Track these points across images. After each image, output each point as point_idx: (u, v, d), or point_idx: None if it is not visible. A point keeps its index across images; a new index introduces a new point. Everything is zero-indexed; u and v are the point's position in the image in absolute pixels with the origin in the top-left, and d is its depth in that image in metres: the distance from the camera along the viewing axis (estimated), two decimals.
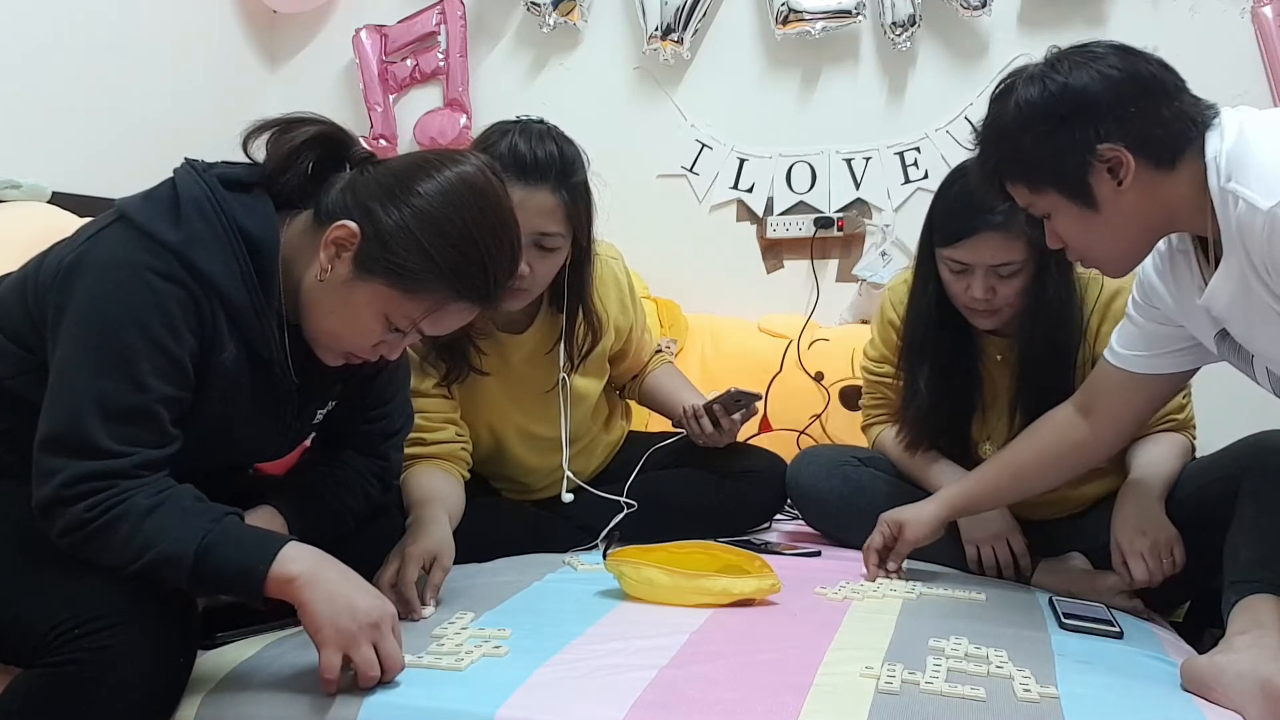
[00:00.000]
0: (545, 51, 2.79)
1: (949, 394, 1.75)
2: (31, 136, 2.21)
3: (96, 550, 1.08)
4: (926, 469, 1.79)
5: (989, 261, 1.60)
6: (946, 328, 1.72)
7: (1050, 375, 1.66)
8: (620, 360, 1.95)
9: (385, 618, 1.11)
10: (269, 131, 1.23)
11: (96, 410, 1.08)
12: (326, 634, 1.08)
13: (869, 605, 1.47)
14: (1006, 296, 1.63)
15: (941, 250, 1.65)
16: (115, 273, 1.11)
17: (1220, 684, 1.17)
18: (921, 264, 1.72)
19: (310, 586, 1.09)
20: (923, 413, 1.77)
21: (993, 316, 1.66)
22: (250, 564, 1.09)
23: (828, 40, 2.59)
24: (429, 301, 1.17)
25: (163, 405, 1.12)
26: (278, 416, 1.29)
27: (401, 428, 1.48)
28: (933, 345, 1.74)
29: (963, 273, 1.63)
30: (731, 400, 1.83)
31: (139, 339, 1.10)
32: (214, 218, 1.16)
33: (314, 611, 1.08)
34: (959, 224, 1.61)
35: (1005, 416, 1.74)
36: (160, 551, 1.07)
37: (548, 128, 1.65)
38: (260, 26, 2.93)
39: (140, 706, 1.08)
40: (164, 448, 1.13)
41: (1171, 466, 1.62)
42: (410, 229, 1.14)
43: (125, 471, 1.09)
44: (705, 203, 2.73)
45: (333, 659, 1.08)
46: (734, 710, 1.08)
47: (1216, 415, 1.76)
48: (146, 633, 1.07)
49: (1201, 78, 2.46)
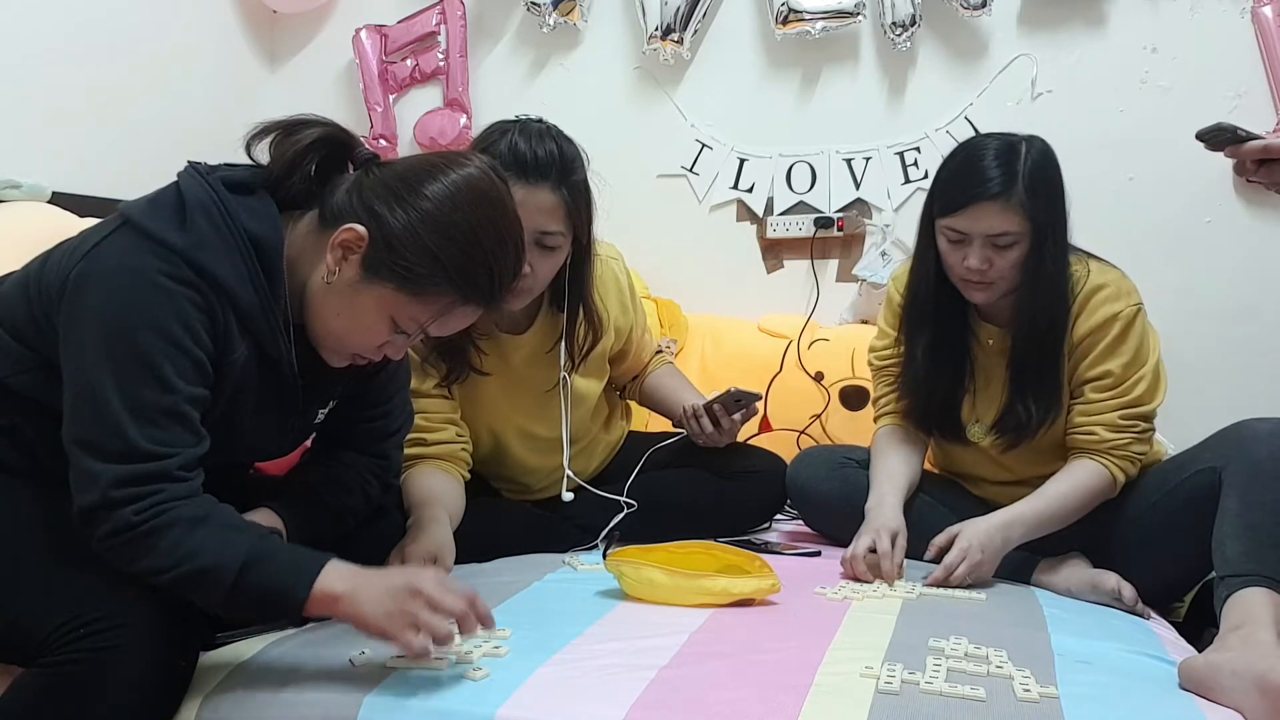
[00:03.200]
0: (545, 51, 2.79)
1: (942, 368, 1.77)
2: (31, 136, 2.21)
3: (139, 555, 1.07)
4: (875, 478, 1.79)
5: (986, 231, 1.61)
6: (944, 301, 1.74)
7: (1044, 352, 1.68)
8: (620, 361, 1.95)
9: (427, 579, 1.11)
10: (273, 134, 1.23)
11: (130, 414, 1.08)
12: (388, 627, 1.09)
13: (869, 605, 1.47)
14: (1001, 269, 1.64)
15: (940, 220, 1.66)
16: (126, 278, 1.11)
17: (1218, 682, 1.17)
18: (922, 234, 1.74)
19: (357, 599, 1.09)
20: (919, 381, 1.78)
21: (987, 289, 1.66)
22: (293, 581, 1.09)
23: (828, 40, 2.59)
24: (436, 305, 1.18)
25: (190, 404, 1.13)
26: (282, 416, 1.30)
27: (401, 427, 1.48)
28: (932, 315, 1.76)
29: (960, 243, 1.64)
30: (731, 400, 1.83)
31: (159, 341, 1.10)
32: (219, 221, 1.16)
33: (368, 619, 1.09)
34: (958, 193, 1.63)
35: (996, 401, 1.75)
36: (203, 561, 1.07)
37: (547, 126, 1.65)
38: (260, 26, 2.93)
39: (142, 707, 1.08)
40: (198, 446, 1.13)
41: (1057, 512, 1.64)
42: (417, 232, 1.15)
43: (170, 473, 1.09)
44: (705, 203, 2.73)
45: (410, 640, 1.09)
46: (734, 710, 1.08)
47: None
48: (149, 633, 1.07)
49: (1201, 78, 2.48)
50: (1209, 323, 2.37)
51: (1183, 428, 1.73)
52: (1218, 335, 2.37)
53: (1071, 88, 2.49)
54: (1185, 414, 1.75)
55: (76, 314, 1.12)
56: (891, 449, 1.82)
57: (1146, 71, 2.45)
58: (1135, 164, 2.44)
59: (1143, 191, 2.44)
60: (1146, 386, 1.67)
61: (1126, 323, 1.67)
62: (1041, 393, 1.69)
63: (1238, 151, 1.27)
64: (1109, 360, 1.67)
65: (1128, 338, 1.67)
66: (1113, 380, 1.67)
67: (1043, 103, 2.51)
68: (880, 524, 1.65)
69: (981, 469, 1.83)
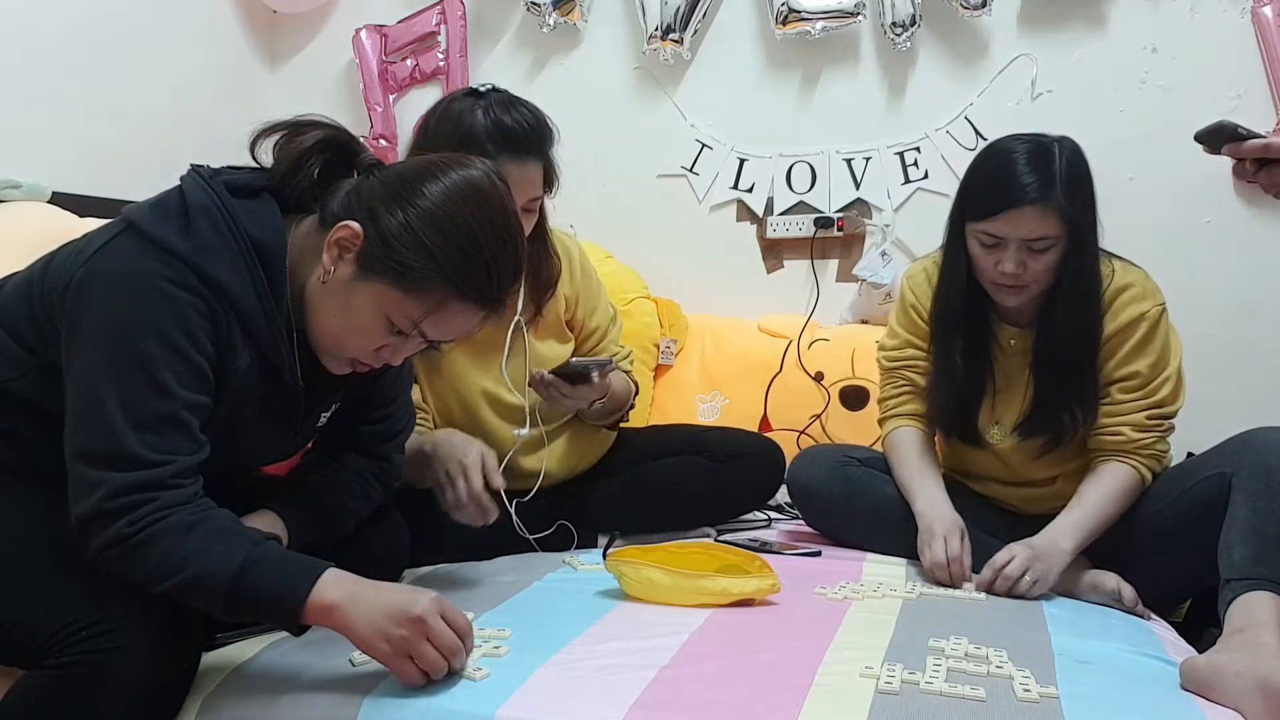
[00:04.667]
0: (545, 51, 2.79)
1: (969, 371, 1.75)
2: (31, 136, 2.21)
3: (133, 566, 1.07)
4: (909, 478, 1.77)
5: (1024, 235, 1.60)
6: (971, 303, 1.73)
7: (1073, 356, 1.67)
8: (572, 331, 1.92)
9: (429, 609, 1.09)
10: (276, 134, 1.22)
11: (127, 421, 1.08)
12: (381, 649, 1.08)
13: (869, 605, 1.47)
14: (1036, 273, 1.63)
15: (975, 224, 1.65)
16: (129, 283, 1.11)
17: (1219, 683, 1.17)
18: (951, 240, 1.72)
19: (350, 612, 1.08)
20: (954, 385, 1.76)
21: (1020, 293, 1.66)
22: (290, 587, 1.09)
23: (828, 40, 2.59)
24: (429, 301, 1.17)
25: (189, 411, 1.12)
26: (284, 422, 1.29)
27: (403, 429, 1.47)
28: (966, 320, 1.74)
29: (995, 247, 1.63)
30: (574, 373, 1.73)
31: (159, 347, 1.10)
32: (223, 225, 1.15)
33: (361, 634, 1.08)
34: (994, 198, 1.62)
35: (1017, 403, 1.74)
36: (200, 569, 1.06)
37: (507, 95, 1.67)
38: (260, 26, 2.93)
39: (143, 708, 1.08)
40: (196, 454, 1.13)
41: (1099, 519, 1.63)
42: (413, 228, 1.14)
43: (164, 481, 1.09)
44: (705, 203, 2.73)
45: (405, 669, 1.08)
46: (734, 710, 1.08)
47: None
48: (150, 634, 1.07)
49: (1201, 78, 2.48)
50: (1209, 323, 2.36)
51: (1182, 427, 1.73)
52: (1218, 335, 2.37)
53: (1071, 88, 2.49)
54: (1185, 413, 1.74)
55: (79, 318, 1.11)
56: (917, 451, 1.80)
57: (1146, 71, 2.45)
58: (1135, 164, 2.44)
59: (1143, 191, 2.44)
60: (1172, 388, 1.67)
61: (1153, 323, 1.66)
62: (1085, 394, 1.67)
63: (1238, 150, 1.27)
64: (1136, 361, 1.67)
65: (1154, 338, 1.67)
66: (1140, 381, 1.67)
67: (1043, 103, 2.51)
68: (950, 524, 1.65)
69: (993, 470, 1.82)
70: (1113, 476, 1.65)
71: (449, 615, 1.11)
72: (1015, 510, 1.78)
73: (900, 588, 1.56)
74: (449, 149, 1.47)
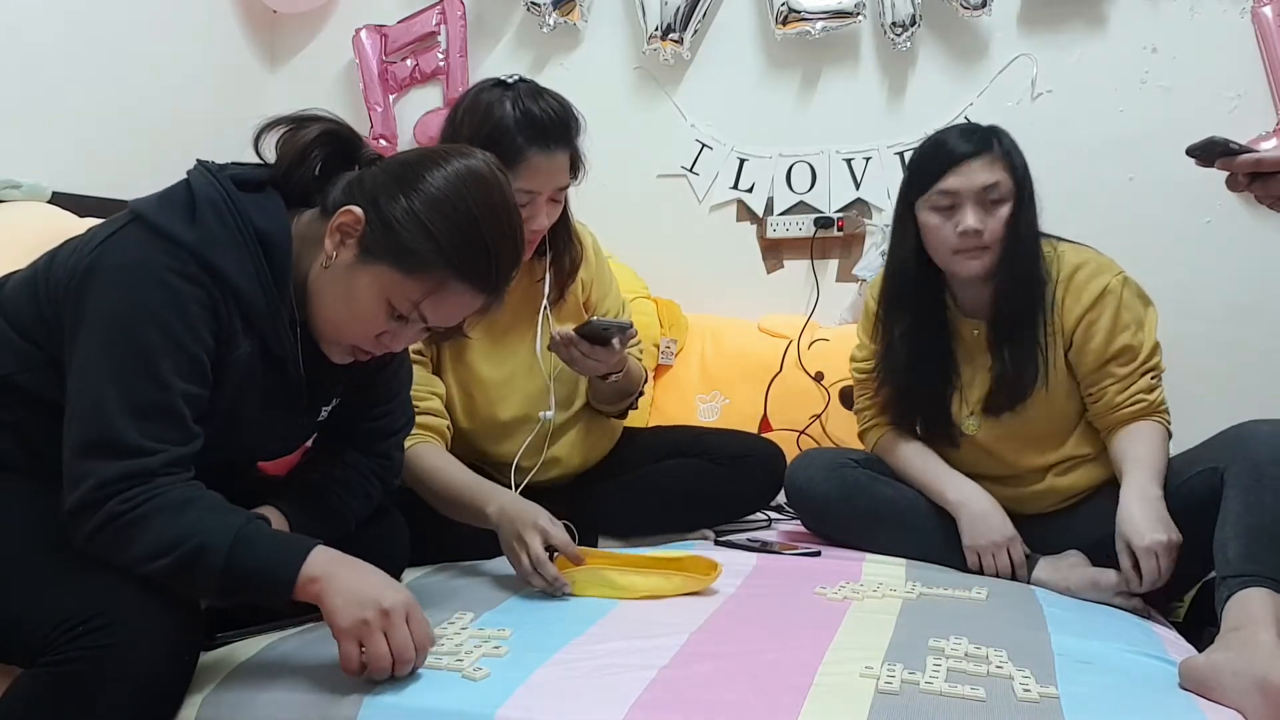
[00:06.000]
0: (545, 51, 2.79)
1: (925, 362, 1.78)
2: (31, 136, 2.21)
3: (126, 545, 1.08)
4: (933, 474, 1.81)
5: (980, 184, 1.66)
6: (923, 287, 1.77)
7: (1020, 314, 1.72)
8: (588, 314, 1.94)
9: (399, 606, 1.10)
10: (280, 129, 1.24)
11: (122, 408, 1.09)
12: (341, 625, 1.09)
13: (869, 605, 1.47)
14: (995, 230, 1.68)
15: (927, 193, 1.70)
16: (134, 273, 1.12)
17: (1218, 683, 1.17)
18: (898, 221, 1.78)
19: (330, 586, 1.10)
20: (899, 369, 1.81)
21: (981, 256, 1.69)
22: (283, 561, 1.10)
23: (828, 40, 2.59)
24: (430, 282, 1.18)
25: (185, 402, 1.13)
26: (287, 412, 1.30)
27: (403, 427, 1.48)
28: (911, 301, 1.79)
29: (952, 208, 1.69)
30: (595, 331, 1.71)
31: (159, 337, 1.11)
32: (229, 218, 1.17)
33: (331, 606, 1.09)
34: (942, 159, 1.70)
35: (983, 388, 1.77)
36: (196, 544, 1.07)
37: (534, 84, 1.68)
38: (260, 26, 2.93)
39: (142, 706, 1.08)
40: (188, 445, 1.14)
41: (1161, 462, 1.65)
42: (414, 212, 1.16)
43: (155, 469, 1.10)
44: (705, 203, 2.73)
45: (350, 651, 1.10)
46: (734, 710, 1.08)
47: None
48: (149, 632, 1.07)
49: (1201, 78, 2.48)
50: (1209, 323, 2.37)
51: (1182, 427, 1.73)
52: (1218, 335, 2.37)
53: (1071, 88, 2.49)
54: (1184, 413, 1.75)
55: (82, 306, 1.12)
56: (917, 446, 1.84)
57: (1146, 71, 2.45)
58: (1135, 164, 2.44)
59: (1143, 191, 2.44)
60: (1152, 343, 1.74)
61: (1118, 295, 1.72)
62: (1019, 346, 1.72)
63: (1230, 164, 1.28)
64: (1121, 335, 1.72)
65: (1126, 308, 1.72)
66: (1133, 352, 1.72)
67: (1043, 103, 2.50)
68: (999, 526, 1.71)
69: (980, 466, 1.82)
70: (1149, 432, 1.70)
71: (415, 623, 1.12)
72: (1011, 512, 1.77)
73: (900, 588, 1.56)
74: (478, 139, 1.52)
